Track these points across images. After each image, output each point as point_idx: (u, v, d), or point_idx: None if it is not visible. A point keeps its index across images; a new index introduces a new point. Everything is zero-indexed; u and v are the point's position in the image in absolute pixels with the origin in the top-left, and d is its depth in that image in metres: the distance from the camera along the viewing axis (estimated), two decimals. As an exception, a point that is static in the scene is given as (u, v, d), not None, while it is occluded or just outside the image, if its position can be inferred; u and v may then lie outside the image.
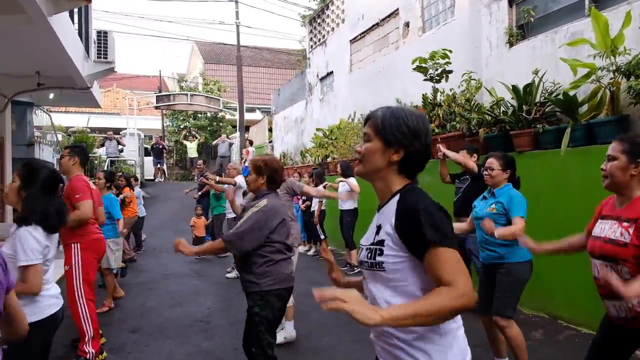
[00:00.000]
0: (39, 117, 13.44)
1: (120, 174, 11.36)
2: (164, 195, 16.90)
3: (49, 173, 2.69)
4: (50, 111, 28.17)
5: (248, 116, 21.01)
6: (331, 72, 12.02)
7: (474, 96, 6.70)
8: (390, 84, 9.20)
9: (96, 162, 15.96)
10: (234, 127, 25.03)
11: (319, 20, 12.81)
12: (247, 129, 20.08)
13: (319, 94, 12.85)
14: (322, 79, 12.75)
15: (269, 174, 3.23)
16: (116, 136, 17.31)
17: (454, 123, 6.73)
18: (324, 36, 12.45)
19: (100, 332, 4.59)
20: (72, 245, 4.15)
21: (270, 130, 18.37)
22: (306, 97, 13.75)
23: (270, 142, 17.51)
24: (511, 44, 6.30)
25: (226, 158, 19.48)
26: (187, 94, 19.73)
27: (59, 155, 4.38)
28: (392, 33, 9.44)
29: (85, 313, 3.94)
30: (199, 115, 26.32)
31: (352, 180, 7.73)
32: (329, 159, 11.04)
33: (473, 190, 4.53)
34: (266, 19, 61.15)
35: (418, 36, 8.61)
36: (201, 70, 28.98)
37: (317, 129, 11.23)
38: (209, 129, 25.94)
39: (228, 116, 26.74)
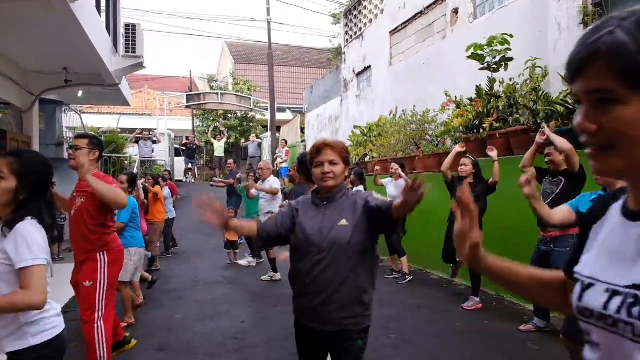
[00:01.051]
0: (70, 118, 13.19)
1: (148, 174, 10.95)
2: (194, 196, 16.47)
3: (48, 170, 2.17)
4: (82, 112, 28.40)
5: (278, 116, 20.51)
6: (369, 67, 11.35)
7: (538, 85, 5.92)
8: (436, 76, 8.47)
9: (126, 162, 15.70)
10: (264, 127, 24.63)
11: (355, 13, 12.15)
12: (277, 129, 19.58)
13: (355, 90, 12.19)
14: (358, 74, 12.08)
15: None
16: (151, 134, 16.98)
17: (517, 116, 5.98)
18: (360, 29, 11.78)
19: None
20: (98, 256, 3.56)
21: (302, 129, 17.81)
22: (341, 94, 13.10)
23: (303, 141, 16.94)
24: (586, 25, 5.51)
25: (255, 158, 19.01)
26: (217, 93, 19.35)
27: (71, 146, 3.64)
28: (438, 21, 8.71)
29: (102, 335, 3.37)
30: (229, 115, 25.99)
31: (402, 181, 7.07)
32: (367, 158, 10.37)
33: (568, 193, 3.74)
34: (297, 17, 61.08)
35: (468, 23, 7.86)
36: (231, 70, 28.68)
37: (355, 127, 10.57)
38: (239, 129, 25.59)
39: (258, 116, 26.34)
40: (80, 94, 10.55)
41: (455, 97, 7.33)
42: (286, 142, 16.64)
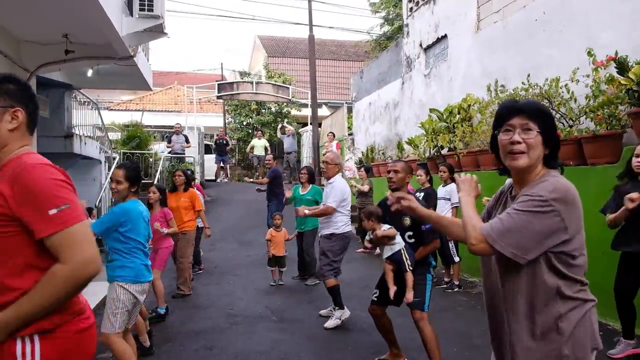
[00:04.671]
0: (90, 112, 11.35)
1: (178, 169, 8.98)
2: (226, 197, 14.52)
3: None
4: (110, 109, 26.97)
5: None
6: (443, 37, 9.07)
7: None
8: (558, 35, 6.17)
9: (151, 159, 13.86)
10: (300, 123, 22.62)
11: (421, -27, 9.89)
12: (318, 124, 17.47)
13: (422, 67, 9.92)
14: (427, 49, 9.82)
15: None
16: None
17: None
18: (430, -8, 9.53)
19: None
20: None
21: (349, 122, 15.64)
22: (402, 75, 10.85)
23: (350, 134, 14.75)
24: None
25: (292, 154, 16.96)
26: (252, 82, 17.34)
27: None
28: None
29: None
30: (263, 110, 24.08)
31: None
32: (444, 150, 8.12)
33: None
34: (332, 17, 58.24)
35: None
36: (265, 63, 26.79)
37: (432, 110, 8.30)
38: (273, 125, 23.64)
39: (293, 111, 24.37)
40: (89, 72, 8.64)
41: (602, 62, 5.04)
42: (334, 135, 14.49)
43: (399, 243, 3.81)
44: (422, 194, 6.15)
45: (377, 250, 9.34)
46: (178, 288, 6.40)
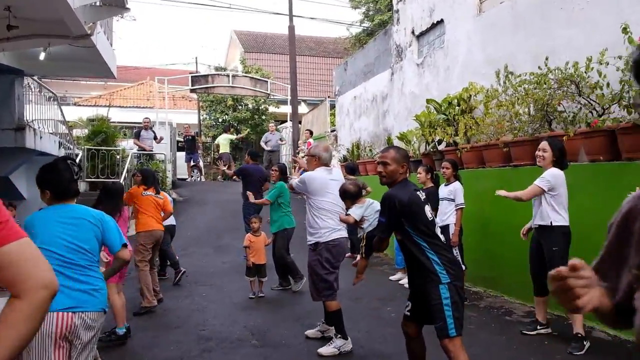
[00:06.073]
0: (50, 105, 10.22)
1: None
2: (200, 198, 13.52)
3: None
4: (77, 104, 25.54)
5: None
6: (439, 22, 8.31)
7: None
8: (579, 14, 5.45)
9: (118, 156, 12.74)
10: (279, 121, 21.72)
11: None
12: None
13: (415, 56, 9.15)
14: (420, 36, 9.05)
15: None
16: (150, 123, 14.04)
17: None
18: (423, -26, 8.76)
19: None
20: None
21: (331, 118, 14.82)
22: (392, 65, 10.07)
23: (333, 130, 13.92)
24: None
25: (276, 152, 16.07)
26: (228, 75, 16.31)
27: None
28: None
29: None
30: (240, 107, 23.08)
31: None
32: (442, 145, 7.37)
33: None
34: (311, 9, 56.69)
35: None
36: (241, 58, 25.81)
37: (429, 101, 7.52)
38: (250, 122, 22.67)
39: (272, 108, 23.45)
40: (42, 56, 7.59)
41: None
42: (311, 133, 13.62)
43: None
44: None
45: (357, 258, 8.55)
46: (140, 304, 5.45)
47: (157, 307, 5.69)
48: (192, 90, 16.19)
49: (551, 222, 4.13)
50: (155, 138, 13.67)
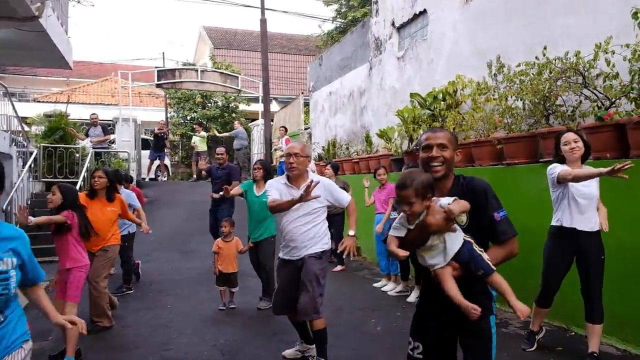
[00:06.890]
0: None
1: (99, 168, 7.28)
2: (167, 198, 12.77)
3: None
4: (37, 101, 24.20)
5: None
6: (422, 13, 7.87)
7: None
8: (579, 0, 5.06)
9: (77, 155, 11.87)
10: (249, 119, 21.04)
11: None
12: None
13: (395, 49, 8.69)
14: (401, 28, 8.60)
15: None
16: (100, 121, 13.16)
17: None
18: (404, -37, 8.31)
19: None
20: None
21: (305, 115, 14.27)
22: (370, 59, 9.60)
23: (307, 128, 13.37)
24: None
25: (242, 151, 15.44)
26: (196, 70, 15.55)
27: None
28: None
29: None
30: (209, 104, 22.28)
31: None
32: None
33: None
34: (282, 3, 55.22)
35: None
36: (211, 54, 25.01)
37: (413, 95, 7.05)
38: (219, 120, 21.90)
39: (242, 106, 22.73)
40: (-16, 40, 6.81)
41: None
42: (286, 130, 13.04)
43: (459, 231, 2.21)
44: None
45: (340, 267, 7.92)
46: (92, 321, 4.77)
47: (115, 323, 5.03)
48: (158, 86, 15.37)
49: (599, 228, 3.72)
50: (105, 133, 12.84)
